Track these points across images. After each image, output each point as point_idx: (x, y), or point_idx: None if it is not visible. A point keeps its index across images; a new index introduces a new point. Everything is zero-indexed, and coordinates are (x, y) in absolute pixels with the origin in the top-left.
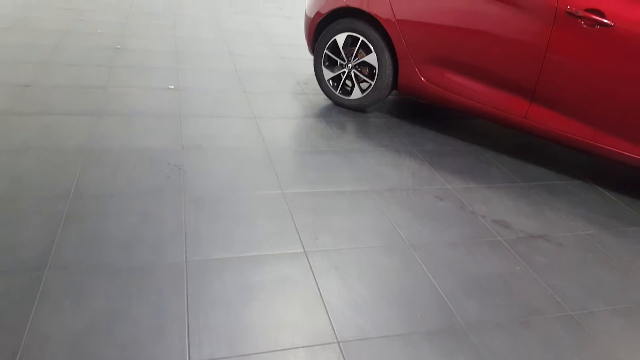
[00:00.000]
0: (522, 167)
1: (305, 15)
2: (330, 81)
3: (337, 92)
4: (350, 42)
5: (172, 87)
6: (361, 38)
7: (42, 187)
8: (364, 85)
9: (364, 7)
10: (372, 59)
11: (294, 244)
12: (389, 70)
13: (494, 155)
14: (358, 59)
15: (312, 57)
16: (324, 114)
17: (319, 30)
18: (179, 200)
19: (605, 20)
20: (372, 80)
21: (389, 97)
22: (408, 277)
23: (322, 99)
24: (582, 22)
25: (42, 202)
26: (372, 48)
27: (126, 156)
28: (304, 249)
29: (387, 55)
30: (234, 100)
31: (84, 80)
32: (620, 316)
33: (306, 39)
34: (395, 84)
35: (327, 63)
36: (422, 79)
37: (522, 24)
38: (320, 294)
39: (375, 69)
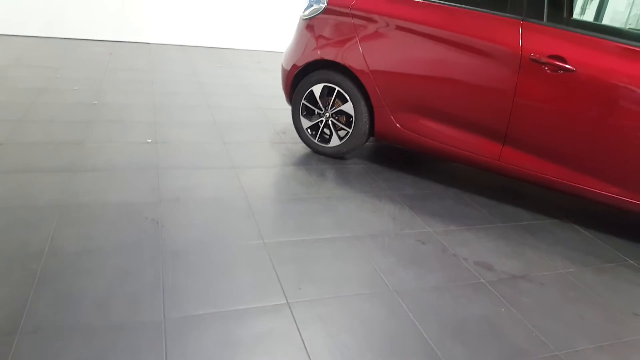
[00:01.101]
0: (500, 208)
1: (282, 67)
2: (309, 130)
3: (315, 141)
4: (327, 92)
5: (150, 140)
6: (337, 88)
7: (15, 246)
8: (341, 133)
9: (339, 59)
10: (348, 107)
11: (276, 295)
12: (365, 118)
13: (472, 197)
14: (335, 108)
15: (290, 107)
16: (303, 162)
17: (295, 82)
18: (157, 255)
19: (568, 66)
20: (350, 128)
21: (367, 143)
22: (394, 325)
23: (301, 148)
24: (546, 68)
25: (14, 262)
26: (348, 97)
27: (102, 211)
28: (287, 300)
29: (362, 104)
30: (212, 151)
31: (59, 137)
32: (605, 353)
33: (284, 90)
34: (372, 131)
35: (304, 112)
36: (398, 125)
37: (490, 71)
38: (305, 347)
39: (352, 117)
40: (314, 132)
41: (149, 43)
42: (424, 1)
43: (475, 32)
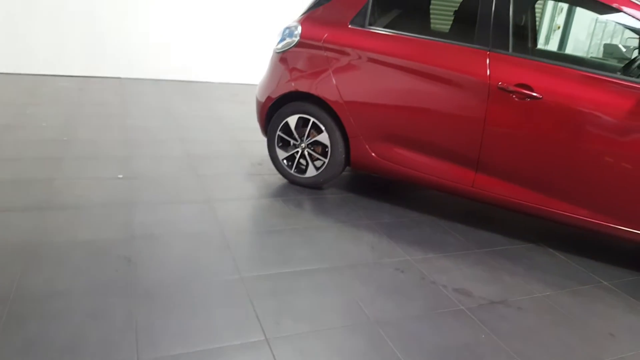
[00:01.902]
0: (476, 234)
1: (257, 100)
2: (285, 161)
3: (292, 171)
4: (302, 123)
5: (121, 176)
6: (312, 119)
7: None
8: (318, 163)
9: (313, 91)
10: (324, 138)
11: (254, 331)
12: (341, 148)
13: (448, 224)
14: (310, 139)
15: (265, 139)
16: (280, 193)
17: (270, 114)
18: (129, 294)
19: (534, 94)
20: (326, 158)
21: (344, 173)
22: (375, 357)
23: (278, 179)
24: (514, 96)
25: None
26: (323, 128)
27: (72, 251)
28: (265, 337)
29: (338, 134)
30: (186, 185)
31: (27, 175)
32: None
33: (259, 122)
34: (348, 161)
35: (280, 144)
36: (373, 154)
37: (461, 100)
38: None
39: (327, 147)
40: (290, 163)
41: (120, 78)
42: (394, 34)
43: (444, 63)
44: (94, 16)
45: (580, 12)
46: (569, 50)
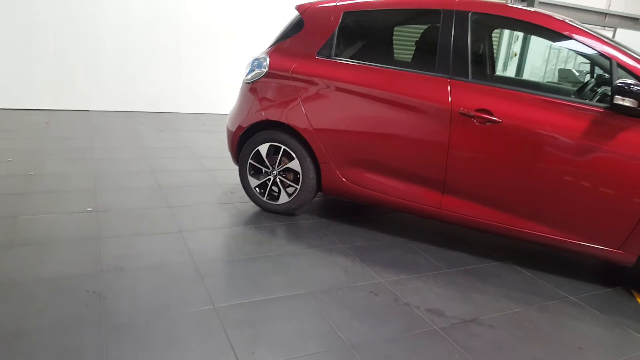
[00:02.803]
0: (446, 254)
1: (227, 129)
2: (257, 188)
3: (264, 199)
4: (273, 151)
5: (90, 209)
6: (283, 147)
7: None
8: (290, 190)
9: (283, 119)
10: (295, 165)
11: None
12: (312, 174)
13: (419, 245)
14: (282, 166)
15: (237, 168)
16: (253, 221)
17: (241, 142)
18: (99, 330)
19: (494, 118)
20: (298, 184)
21: (316, 198)
22: None
23: (250, 207)
24: (475, 121)
25: None
26: (294, 155)
27: (39, 287)
28: None
29: (308, 160)
30: (157, 216)
31: None
32: None
33: (230, 151)
34: (320, 186)
35: (252, 172)
36: (344, 180)
37: (425, 125)
38: None
39: (299, 174)
40: (262, 191)
41: (88, 110)
42: (360, 64)
43: (409, 91)
44: (62, 49)
45: (535, 40)
46: (526, 75)
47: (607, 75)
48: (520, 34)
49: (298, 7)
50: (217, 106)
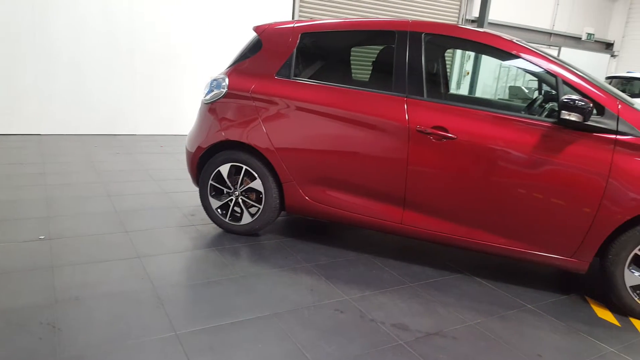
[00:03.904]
0: (409, 269)
1: (187, 150)
2: (219, 209)
3: (226, 220)
4: (235, 171)
5: (43, 237)
6: (244, 167)
7: None
8: (252, 210)
9: (244, 139)
10: (257, 184)
11: None
12: (275, 194)
13: (382, 260)
14: (244, 186)
15: (197, 189)
16: (215, 243)
17: (201, 163)
18: None
19: (449, 134)
20: (260, 204)
21: (280, 217)
22: None
23: (212, 228)
24: (431, 138)
25: None
26: (256, 175)
27: None
28: None
29: (271, 180)
30: (114, 242)
31: None
32: None
33: (190, 172)
34: (283, 205)
35: (213, 193)
36: (307, 198)
37: (384, 143)
38: None
39: (261, 193)
40: (224, 212)
41: (39, 134)
42: (319, 84)
43: (367, 109)
44: (10, 70)
45: (486, 59)
46: (478, 93)
47: (553, 92)
48: (472, 54)
49: (256, 28)
50: (175, 127)
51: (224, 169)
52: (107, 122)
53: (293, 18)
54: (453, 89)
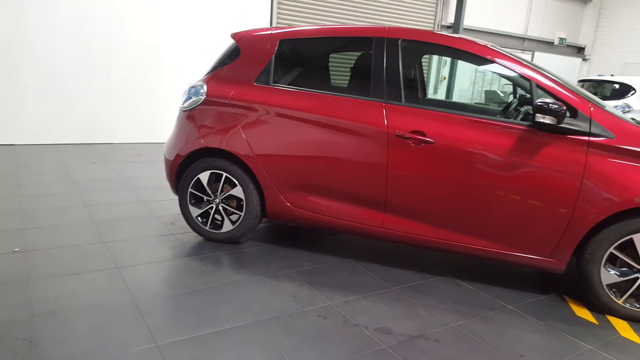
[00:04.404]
0: (391, 273)
1: (165, 158)
2: (199, 218)
3: (207, 228)
4: (215, 178)
5: (18, 249)
6: (224, 174)
7: None
8: (233, 217)
9: (223, 146)
10: (238, 191)
11: None
12: (256, 201)
13: (364, 265)
14: (224, 194)
15: (176, 197)
16: (195, 252)
17: (180, 171)
18: None
19: (428, 139)
20: (241, 211)
21: (261, 224)
22: None
23: (192, 237)
24: (410, 142)
25: None
26: (236, 182)
27: None
28: None
29: (252, 187)
30: (91, 253)
31: None
32: None
33: (168, 180)
34: (264, 212)
35: (193, 201)
36: (288, 204)
37: (364, 148)
38: None
39: (242, 200)
40: (204, 220)
41: (13, 144)
42: (298, 90)
43: (347, 115)
44: None
45: (462, 64)
46: (455, 97)
47: (528, 95)
48: (448, 59)
49: (234, 35)
50: (153, 135)
51: (204, 177)
52: (83, 131)
53: (271, 25)
54: (430, 94)
